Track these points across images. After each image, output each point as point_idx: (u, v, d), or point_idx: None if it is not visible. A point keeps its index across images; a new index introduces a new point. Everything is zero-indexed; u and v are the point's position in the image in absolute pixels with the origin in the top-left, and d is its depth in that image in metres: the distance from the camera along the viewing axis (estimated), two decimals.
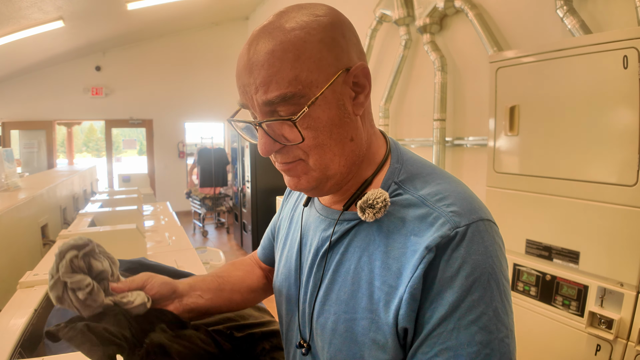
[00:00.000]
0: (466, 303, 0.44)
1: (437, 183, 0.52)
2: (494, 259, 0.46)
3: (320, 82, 0.47)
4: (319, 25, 0.48)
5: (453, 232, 0.46)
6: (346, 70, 0.49)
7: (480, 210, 0.49)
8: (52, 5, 4.17)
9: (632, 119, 1.19)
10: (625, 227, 1.22)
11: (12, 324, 0.84)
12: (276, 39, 0.46)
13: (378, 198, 0.50)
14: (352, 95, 0.51)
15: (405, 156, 0.57)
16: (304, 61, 0.46)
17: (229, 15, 6.98)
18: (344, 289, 0.53)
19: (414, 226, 0.49)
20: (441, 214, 0.48)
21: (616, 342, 1.24)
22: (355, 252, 0.53)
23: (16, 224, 1.62)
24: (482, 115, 2.44)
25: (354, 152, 0.53)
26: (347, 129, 0.51)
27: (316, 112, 0.48)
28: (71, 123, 7.50)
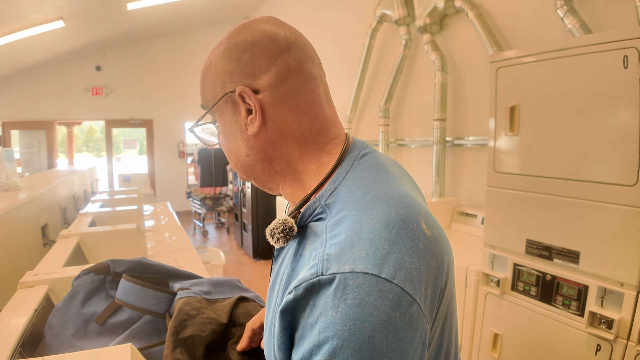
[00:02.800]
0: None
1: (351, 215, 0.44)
2: (355, 324, 0.37)
3: (211, 99, 0.57)
4: (225, 51, 0.54)
5: (315, 279, 0.40)
6: (233, 90, 0.53)
7: (363, 260, 0.39)
8: (53, 5, 4.17)
9: (632, 119, 1.19)
10: (626, 227, 1.22)
11: (13, 323, 0.84)
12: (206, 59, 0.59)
13: (276, 228, 0.49)
14: (245, 115, 0.54)
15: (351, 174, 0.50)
16: (205, 81, 0.58)
17: (229, 15, 6.98)
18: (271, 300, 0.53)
19: (306, 257, 0.45)
20: (319, 253, 0.42)
21: (616, 342, 1.24)
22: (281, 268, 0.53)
23: (16, 224, 1.62)
24: (482, 115, 2.44)
25: (255, 166, 0.57)
26: (239, 145, 0.56)
27: (218, 122, 0.58)
28: (71, 123, 7.51)
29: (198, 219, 6.13)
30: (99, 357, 0.59)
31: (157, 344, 0.82)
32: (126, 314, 0.89)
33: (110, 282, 0.98)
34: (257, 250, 4.52)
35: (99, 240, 1.66)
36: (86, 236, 1.64)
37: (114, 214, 2.23)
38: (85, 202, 3.14)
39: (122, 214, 2.24)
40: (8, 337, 0.78)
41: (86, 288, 0.95)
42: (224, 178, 6.02)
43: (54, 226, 2.14)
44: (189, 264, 1.63)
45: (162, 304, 0.89)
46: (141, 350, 0.79)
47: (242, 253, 4.87)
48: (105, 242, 1.67)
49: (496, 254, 1.66)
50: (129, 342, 0.75)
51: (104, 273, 0.99)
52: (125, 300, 0.89)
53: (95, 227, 1.79)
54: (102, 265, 1.01)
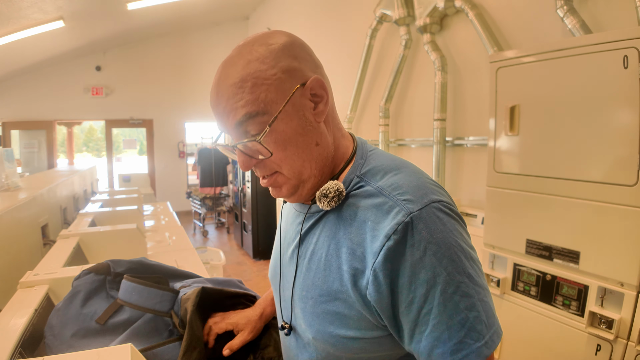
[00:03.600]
0: (442, 277, 0.49)
1: (394, 174, 0.57)
2: (454, 233, 0.52)
3: (279, 100, 0.55)
4: (271, 53, 0.55)
5: (408, 218, 0.50)
6: (302, 85, 0.56)
7: (431, 194, 0.53)
8: (53, 5, 4.17)
9: (632, 119, 1.19)
10: (626, 227, 1.22)
11: (13, 323, 0.84)
12: (237, 72, 0.54)
13: (331, 188, 0.57)
14: (311, 106, 0.58)
15: (370, 153, 0.63)
16: (261, 85, 0.54)
17: (229, 15, 6.98)
18: (318, 275, 0.59)
19: (372, 213, 0.54)
20: (396, 202, 0.52)
21: (616, 342, 1.24)
22: (325, 241, 0.59)
23: (16, 224, 1.62)
24: (483, 115, 2.44)
25: (322, 154, 0.59)
26: (311, 135, 0.58)
27: (280, 127, 0.55)
28: (71, 123, 7.51)
29: (198, 219, 6.13)
30: (99, 357, 0.59)
31: (161, 344, 0.82)
32: (126, 313, 0.89)
33: (111, 282, 0.98)
34: (257, 250, 4.52)
35: (99, 240, 1.66)
36: (86, 236, 1.64)
37: (114, 214, 2.23)
38: (85, 202, 3.14)
39: (122, 214, 2.24)
40: (8, 337, 0.78)
41: (86, 288, 0.95)
42: (224, 178, 6.02)
43: (54, 226, 2.14)
44: (189, 264, 1.63)
45: (165, 302, 0.89)
46: (144, 350, 0.79)
47: (242, 253, 4.87)
48: (105, 242, 1.67)
49: (496, 254, 1.66)
50: (129, 341, 0.75)
51: (104, 273, 0.99)
52: (128, 300, 0.89)
53: (95, 227, 1.79)
54: (103, 266, 1.01)
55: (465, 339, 0.49)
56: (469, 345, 0.49)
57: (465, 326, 0.49)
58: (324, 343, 0.59)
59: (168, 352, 0.82)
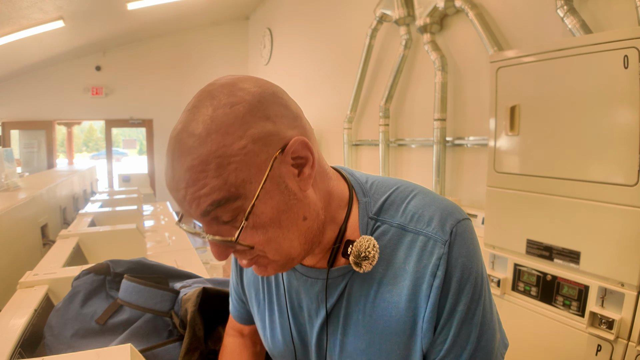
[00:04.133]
0: (461, 305, 0.49)
1: (407, 202, 0.54)
2: (477, 256, 0.51)
3: (253, 178, 0.44)
4: (236, 119, 0.43)
5: (446, 248, 0.49)
6: (280, 152, 0.45)
7: (455, 213, 0.52)
8: (52, 5, 4.17)
9: (633, 119, 1.19)
10: (626, 227, 1.22)
11: (12, 324, 0.84)
12: (192, 152, 0.42)
13: (368, 247, 0.50)
14: (294, 173, 0.47)
15: (368, 186, 0.57)
16: (227, 165, 0.42)
17: (229, 15, 6.98)
18: (359, 339, 0.54)
19: (406, 256, 0.51)
20: (427, 235, 0.51)
21: (617, 342, 1.24)
22: (359, 302, 0.54)
23: (16, 224, 1.62)
24: (483, 115, 2.44)
25: (311, 227, 0.50)
26: (296, 210, 0.47)
27: (259, 209, 0.45)
28: (71, 123, 7.50)
29: None
30: (99, 357, 0.59)
31: (161, 344, 0.82)
32: (126, 313, 0.89)
33: (111, 282, 0.98)
34: None
35: (99, 240, 1.66)
36: (86, 236, 1.64)
37: (113, 214, 2.23)
38: (85, 202, 3.14)
39: (122, 214, 2.24)
40: (8, 337, 0.77)
41: (86, 288, 0.95)
42: None
43: (53, 226, 2.14)
44: (188, 264, 1.63)
45: (165, 302, 0.89)
46: (144, 351, 0.79)
47: None
48: (105, 242, 1.67)
49: (496, 254, 1.66)
50: (129, 341, 0.75)
51: (104, 273, 0.99)
52: (129, 300, 0.89)
53: (95, 227, 1.78)
54: (102, 266, 1.01)
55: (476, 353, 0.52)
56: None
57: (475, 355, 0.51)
58: None
59: (168, 353, 0.82)
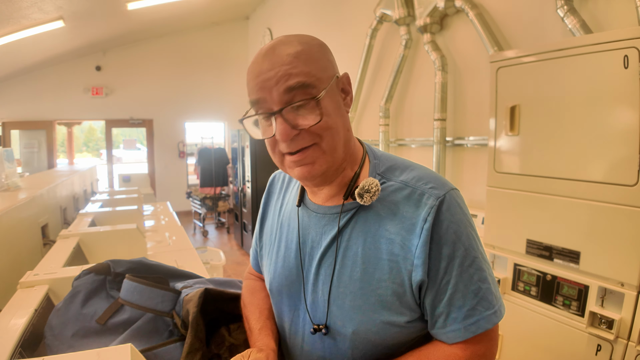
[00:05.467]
0: (460, 252, 0.58)
1: (410, 170, 0.65)
2: (468, 217, 0.62)
3: (325, 79, 0.60)
4: (317, 44, 0.63)
5: (437, 202, 0.59)
6: (337, 76, 0.64)
7: (447, 183, 0.63)
8: (53, 5, 4.17)
9: (633, 119, 1.19)
10: (626, 227, 1.22)
11: (13, 323, 0.84)
12: (289, 49, 0.59)
13: (372, 184, 0.61)
14: (342, 97, 0.65)
15: (379, 153, 0.70)
16: (314, 62, 0.60)
17: (229, 15, 6.98)
18: (356, 269, 0.62)
19: (405, 204, 0.61)
20: (424, 190, 0.61)
21: (617, 342, 1.24)
22: (359, 237, 0.63)
23: (17, 224, 1.62)
24: (483, 115, 2.44)
25: (350, 141, 0.65)
26: (345, 120, 0.64)
27: (325, 102, 0.59)
28: (71, 123, 7.50)
29: (198, 219, 6.13)
30: (99, 357, 0.59)
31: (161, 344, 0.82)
32: (127, 313, 0.89)
33: (111, 282, 0.98)
34: None
35: (99, 240, 1.66)
36: (86, 236, 1.64)
37: (114, 214, 2.23)
38: (85, 202, 3.14)
39: (122, 214, 2.24)
40: (8, 337, 0.78)
41: (87, 288, 0.95)
42: (224, 178, 6.02)
43: (54, 226, 2.14)
44: (189, 264, 1.63)
45: (167, 302, 0.89)
46: (145, 351, 0.79)
47: (242, 253, 4.87)
48: (105, 242, 1.67)
49: (496, 254, 1.66)
50: (130, 341, 0.75)
51: (105, 273, 0.99)
52: (130, 300, 0.89)
53: (95, 227, 1.79)
54: (103, 266, 1.01)
55: (477, 306, 0.58)
56: (480, 312, 0.58)
57: (478, 295, 0.58)
58: (366, 332, 0.62)
59: (169, 353, 0.82)
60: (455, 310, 0.58)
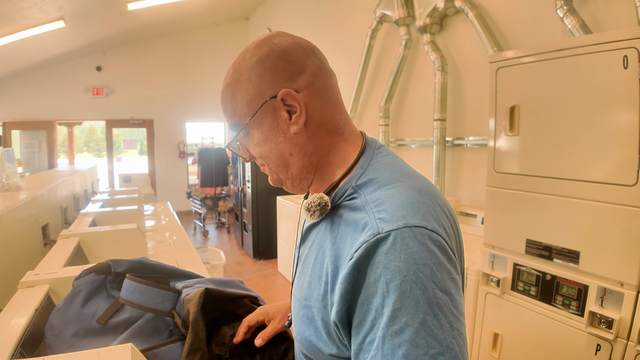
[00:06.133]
0: (387, 310, 0.44)
1: (386, 188, 0.53)
2: (418, 267, 0.44)
3: (247, 114, 0.60)
4: (250, 64, 0.58)
5: (373, 238, 0.47)
6: (271, 98, 0.58)
7: (412, 217, 0.47)
8: (53, 5, 4.17)
9: (632, 119, 1.19)
10: (625, 227, 1.22)
11: (13, 323, 0.84)
12: (225, 81, 0.62)
13: (313, 202, 0.57)
14: (286, 117, 0.58)
15: (377, 160, 0.59)
16: (237, 98, 0.60)
17: (229, 16, 6.99)
18: (305, 279, 0.60)
19: (351, 228, 0.52)
20: (370, 220, 0.49)
21: (616, 342, 1.24)
22: (316, 247, 0.60)
23: (17, 224, 1.62)
24: (482, 115, 2.44)
25: (297, 164, 0.61)
26: (283, 146, 0.60)
27: (254, 133, 0.61)
28: (72, 123, 7.51)
29: (198, 218, 6.13)
30: (99, 357, 0.60)
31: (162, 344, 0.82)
32: (127, 313, 0.90)
33: (112, 282, 0.99)
34: (258, 250, 4.52)
35: (100, 240, 1.66)
36: (87, 236, 1.64)
37: (114, 214, 2.23)
38: (86, 202, 3.15)
39: (123, 214, 2.24)
40: (8, 337, 0.78)
41: (87, 288, 0.95)
42: (224, 178, 6.02)
43: (54, 226, 2.15)
44: (189, 264, 1.63)
45: (167, 302, 0.89)
46: (145, 351, 0.79)
47: (242, 253, 4.87)
48: (105, 242, 1.67)
49: (496, 254, 1.66)
50: (130, 341, 0.75)
51: (105, 273, 1.00)
52: (130, 300, 0.89)
53: (95, 227, 1.79)
54: (103, 266, 1.01)
55: None
56: None
57: None
58: (301, 345, 0.59)
59: (169, 353, 0.82)
60: None
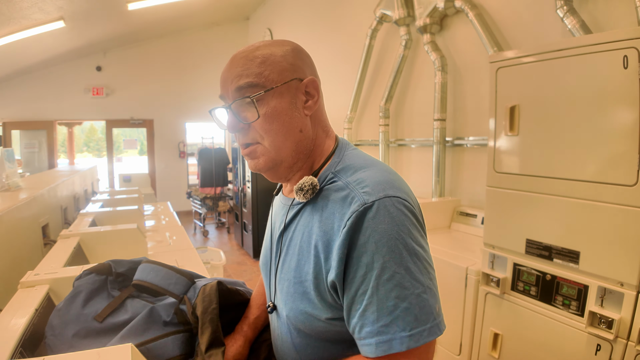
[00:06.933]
0: (378, 263, 0.55)
1: (363, 171, 0.64)
2: (400, 227, 0.56)
3: (277, 81, 0.65)
4: (286, 49, 0.68)
5: (362, 208, 0.57)
6: (299, 79, 0.67)
7: (389, 189, 0.59)
8: (53, 5, 4.17)
9: (632, 119, 1.19)
10: (625, 227, 1.22)
11: (13, 323, 0.84)
12: (251, 51, 0.66)
13: (306, 182, 0.65)
14: (303, 100, 0.68)
15: (348, 153, 0.71)
16: (268, 65, 0.65)
17: (229, 15, 6.99)
18: (293, 258, 0.67)
19: (338, 205, 0.61)
20: (356, 194, 0.59)
21: (616, 342, 1.24)
22: (301, 230, 0.67)
23: (17, 224, 1.62)
24: (482, 115, 2.44)
25: (301, 142, 0.68)
26: (297, 121, 0.67)
27: (272, 102, 0.64)
28: (72, 123, 7.51)
29: (198, 218, 6.13)
30: (100, 357, 0.60)
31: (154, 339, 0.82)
32: (128, 313, 0.89)
33: (112, 282, 0.99)
34: (258, 250, 4.52)
35: (100, 240, 1.66)
36: (87, 236, 1.64)
37: (114, 214, 2.23)
38: (86, 202, 3.15)
39: (123, 214, 2.24)
40: (9, 337, 0.78)
41: (88, 288, 0.95)
42: (224, 178, 6.02)
43: (54, 226, 2.15)
44: (189, 264, 1.63)
45: (180, 285, 0.91)
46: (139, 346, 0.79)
47: (242, 253, 4.87)
48: (105, 242, 1.67)
49: (496, 254, 1.66)
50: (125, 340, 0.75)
51: (106, 273, 1.00)
52: (145, 279, 0.90)
53: (95, 227, 1.79)
54: (104, 266, 1.01)
55: (391, 324, 0.53)
56: (394, 332, 0.53)
57: (393, 313, 0.54)
58: (295, 320, 0.66)
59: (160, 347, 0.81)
60: (368, 324, 0.55)
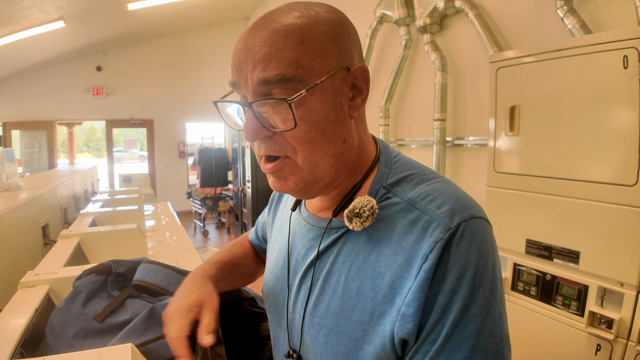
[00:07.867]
0: (457, 305, 0.42)
1: (426, 184, 0.50)
2: (486, 258, 0.44)
3: (321, 72, 0.45)
4: (327, 18, 0.47)
5: (446, 235, 0.44)
6: (347, 68, 0.48)
7: (472, 208, 0.46)
8: (53, 5, 4.17)
9: (632, 119, 1.19)
10: (625, 227, 1.22)
11: (13, 323, 0.84)
12: (282, 21, 0.44)
13: (365, 206, 0.48)
14: (349, 96, 0.49)
15: (395, 159, 0.55)
16: (308, 46, 0.44)
17: (229, 15, 6.98)
18: (334, 300, 0.51)
19: (405, 231, 0.47)
20: (432, 217, 0.46)
21: (616, 342, 1.24)
22: (345, 262, 0.51)
23: (17, 224, 1.62)
24: (482, 115, 2.44)
25: (345, 155, 0.50)
26: (341, 129, 0.48)
27: (312, 103, 0.45)
28: (72, 123, 7.51)
29: (198, 219, 6.13)
30: (99, 357, 0.60)
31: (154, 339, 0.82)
32: (128, 314, 0.90)
33: (112, 282, 0.99)
34: None
35: (100, 240, 1.66)
36: (87, 236, 1.64)
37: (114, 214, 2.23)
38: (86, 202, 3.15)
39: (123, 214, 2.24)
40: (9, 337, 0.78)
41: (88, 288, 0.95)
42: (224, 178, 6.02)
43: (54, 226, 2.15)
44: (189, 264, 1.63)
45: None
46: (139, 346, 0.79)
47: None
48: (105, 242, 1.67)
49: None
50: (125, 341, 0.75)
51: (106, 274, 1.00)
52: (145, 279, 0.90)
53: (95, 227, 1.79)
54: (104, 266, 1.01)
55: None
56: None
57: None
58: None
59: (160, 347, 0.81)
60: None
